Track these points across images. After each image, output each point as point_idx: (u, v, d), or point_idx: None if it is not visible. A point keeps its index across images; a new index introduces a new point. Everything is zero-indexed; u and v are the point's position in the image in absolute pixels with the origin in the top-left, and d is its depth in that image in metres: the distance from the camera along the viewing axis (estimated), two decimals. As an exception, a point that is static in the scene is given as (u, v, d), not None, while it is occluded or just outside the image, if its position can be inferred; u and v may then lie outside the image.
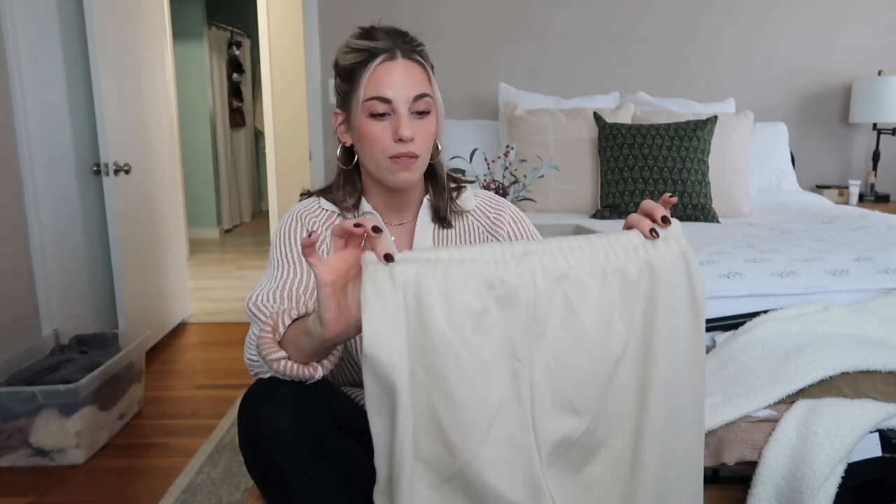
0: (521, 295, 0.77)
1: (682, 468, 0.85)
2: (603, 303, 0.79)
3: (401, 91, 1.04)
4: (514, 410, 0.79)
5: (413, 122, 1.05)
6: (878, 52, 3.32)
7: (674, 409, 0.82)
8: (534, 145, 2.69)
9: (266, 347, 0.89)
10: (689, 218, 2.45)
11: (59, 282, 2.56)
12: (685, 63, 3.34)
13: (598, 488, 0.85)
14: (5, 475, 1.98)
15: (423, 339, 0.75)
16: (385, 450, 0.77)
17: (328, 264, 0.79)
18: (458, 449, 0.77)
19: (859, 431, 1.25)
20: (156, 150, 3.18)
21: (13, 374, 2.09)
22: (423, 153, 1.08)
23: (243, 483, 1.90)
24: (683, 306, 0.80)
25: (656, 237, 0.80)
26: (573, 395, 0.80)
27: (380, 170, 1.08)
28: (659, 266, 0.79)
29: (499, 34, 3.32)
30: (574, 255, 0.78)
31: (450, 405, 0.76)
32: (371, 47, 1.04)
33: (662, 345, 0.80)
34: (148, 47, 3.14)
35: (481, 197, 1.24)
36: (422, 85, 1.06)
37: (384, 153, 1.06)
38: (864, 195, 3.28)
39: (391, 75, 1.04)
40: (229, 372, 2.79)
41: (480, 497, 0.79)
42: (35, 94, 2.44)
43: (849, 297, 1.64)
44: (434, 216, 1.18)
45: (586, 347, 0.79)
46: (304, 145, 4.07)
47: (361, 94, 1.04)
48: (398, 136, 1.03)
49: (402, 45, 1.06)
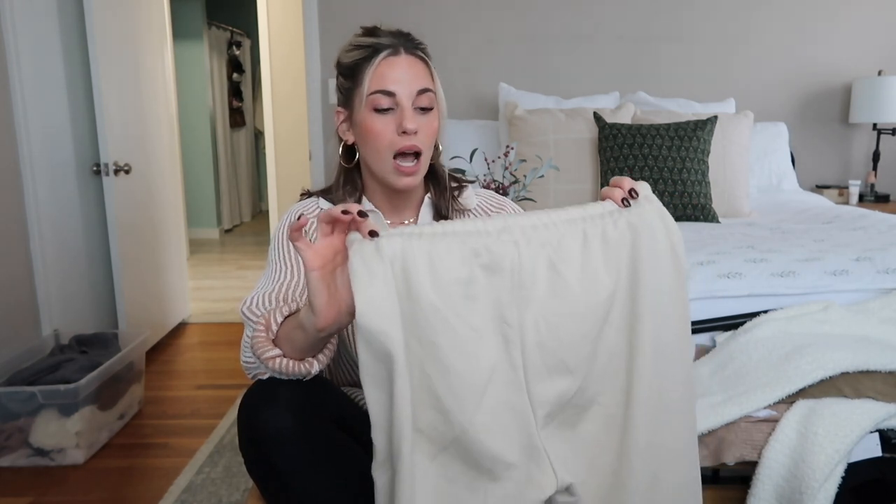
0: (506, 262, 0.79)
1: (674, 424, 0.87)
2: (586, 262, 0.82)
3: (405, 85, 1.04)
4: (507, 374, 0.81)
5: (417, 117, 1.05)
6: (878, 52, 3.32)
7: (662, 365, 0.84)
8: (534, 145, 2.69)
9: (260, 346, 0.89)
10: (689, 218, 2.45)
11: (59, 281, 2.56)
12: (685, 63, 3.34)
13: (592, 446, 0.87)
14: (5, 475, 1.98)
15: (413, 308, 0.76)
16: (383, 422, 0.77)
17: (315, 249, 0.79)
18: (453, 416, 0.78)
19: (859, 431, 1.25)
20: (156, 150, 3.18)
21: (13, 374, 2.09)
22: (426, 149, 1.08)
23: (243, 483, 1.90)
24: (665, 260, 0.83)
25: (628, 206, 0.83)
26: (564, 354, 0.82)
27: (383, 171, 1.08)
28: (638, 224, 0.83)
29: (499, 34, 3.32)
30: (555, 224, 0.82)
31: (443, 372, 0.77)
32: (375, 43, 1.05)
33: (647, 299, 0.83)
34: (148, 47, 3.14)
35: (483, 196, 1.24)
36: (425, 80, 1.06)
37: (389, 148, 1.05)
38: (864, 195, 3.28)
39: (395, 70, 1.04)
40: (229, 372, 2.79)
41: (478, 461, 0.80)
42: (35, 94, 2.44)
43: (849, 297, 1.64)
44: (436, 215, 1.18)
45: (574, 307, 0.82)
46: (304, 145, 4.07)
47: (365, 89, 1.05)
48: (402, 128, 1.03)
49: (405, 42, 1.07)
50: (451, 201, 1.18)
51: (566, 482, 0.85)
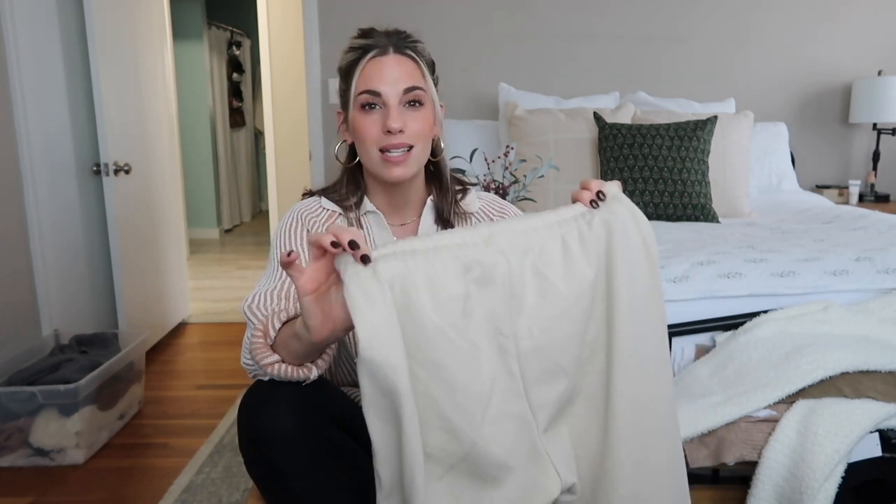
0: (497, 273, 0.80)
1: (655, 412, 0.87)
2: (568, 263, 0.83)
3: (391, 84, 1.05)
4: (507, 384, 0.81)
5: (404, 114, 1.06)
6: (878, 52, 3.32)
7: (639, 350, 0.85)
8: (534, 145, 2.69)
9: (259, 352, 0.89)
10: (689, 218, 2.45)
11: (59, 282, 2.56)
12: (685, 63, 3.33)
13: (583, 438, 0.88)
14: (5, 475, 1.98)
15: (416, 331, 0.76)
16: (389, 453, 0.76)
17: (308, 274, 0.78)
18: (462, 433, 0.78)
19: (859, 431, 1.25)
20: (156, 150, 3.18)
21: (13, 374, 2.09)
22: (418, 145, 1.08)
23: (243, 483, 1.90)
24: (638, 253, 0.85)
25: (597, 207, 0.85)
26: (558, 356, 0.84)
27: (373, 165, 1.09)
28: (611, 220, 0.85)
29: (499, 34, 3.32)
30: (535, 230, 0.83)
31: (450, 392, 0.77)
32: (365, 45, 1.06)
33: (623, 289, 0.84)
34: (148, 47, 3.14)
35: (485, 199, 1.24)
36: (413, 79, 1.07)
37: (375, 145, 1.07)
38: (864, 195, 3.28)
39: (381, 69, 1.05)
40: (229, 372, 2.79)
41: (484, 472, 0.81)
42: (35, 95, 2.44)
43: (849, 297, 1.63)
44: (437, 217, 1.18)
45: (562, 307, 0.83)
46: (304, 145, 4.07)
47: (354, 90, 1.06)
48: (386, 127, 1.04)
49: (396, 41, 1.07)
50: (454, 204, 1.18)
51: (570, 482, 0.86)
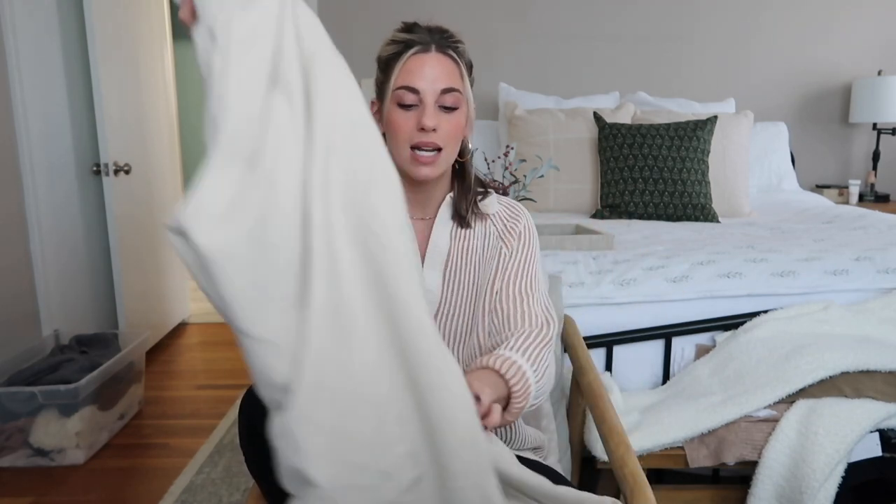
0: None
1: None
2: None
3: (429, 83, 1.05)
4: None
5: (438, 114, 1.06)
6: (878, 52, 3.33)
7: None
8: (534, 145, 2.69)
9: None
10: (689, 218, 2.45)
11: (60, 282, 2.56)
12: (685, 63, 3.34)
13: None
14: (5, 475, 1.98)
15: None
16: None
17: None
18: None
19: (859, 431, 1.25)
20: (156, 150, 3.18)
21: (13, 374, 2.09)
22: (447, 147, 1.08)
23: (243, 483, 1.90)
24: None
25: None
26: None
27: (402, 161, 1.09)
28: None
29: (499, 34, 3.32)
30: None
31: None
32: (408, 39, 1.07)
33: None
34: (148, 47, 3.14)
35: (504, 203, 1.25)
36: (452, 79, 1.07)
37: (406, 142, 1.07)
38: (864, 195, 3.28)
39: (422, 67, 1.05)
40: (229, 372, 2.79)
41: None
42: (35, 95, 2.44)
43: (849, 297, 1.64)
44: (454, 213, 1.18)
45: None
46: (304, 145, 4.07)
47: (392, 84, 1.06)
48: (421, 124, 1.05)
49: (439, 39, 1.08)
50: (473, 205, 1.19)
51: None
